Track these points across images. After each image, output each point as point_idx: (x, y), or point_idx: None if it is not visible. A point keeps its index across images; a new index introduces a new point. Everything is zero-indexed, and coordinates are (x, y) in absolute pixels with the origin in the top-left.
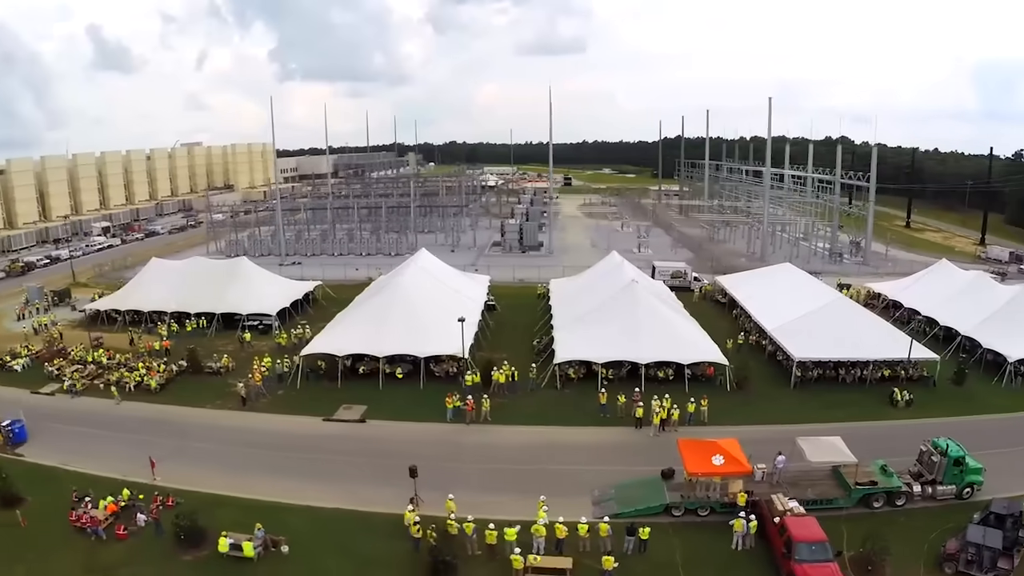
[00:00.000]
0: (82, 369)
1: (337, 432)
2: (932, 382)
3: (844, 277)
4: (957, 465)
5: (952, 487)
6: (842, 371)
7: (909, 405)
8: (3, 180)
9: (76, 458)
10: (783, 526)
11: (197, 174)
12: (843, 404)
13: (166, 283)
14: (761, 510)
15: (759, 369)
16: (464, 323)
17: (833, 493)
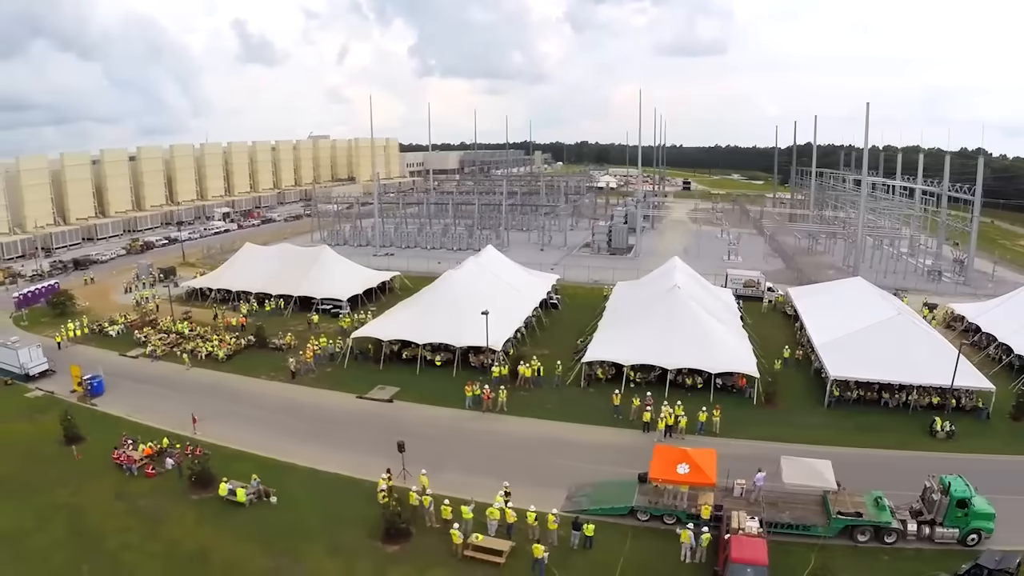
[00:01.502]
0: (165, 338)
1: (365, 409)
2: (986, 414)
3: (935, 297)
4: (961, 507)
5: (955, 531)
6: (886, 394)
7: (950, 437)
8: (134, 166)
9: (139, 411)
10: (727, 544)
11: (321, 165)
12: (877, 429)
13: (255, 266)
14: (721, 525)
15: (800, 385)
16: (488, 316)
17: (812, 519)
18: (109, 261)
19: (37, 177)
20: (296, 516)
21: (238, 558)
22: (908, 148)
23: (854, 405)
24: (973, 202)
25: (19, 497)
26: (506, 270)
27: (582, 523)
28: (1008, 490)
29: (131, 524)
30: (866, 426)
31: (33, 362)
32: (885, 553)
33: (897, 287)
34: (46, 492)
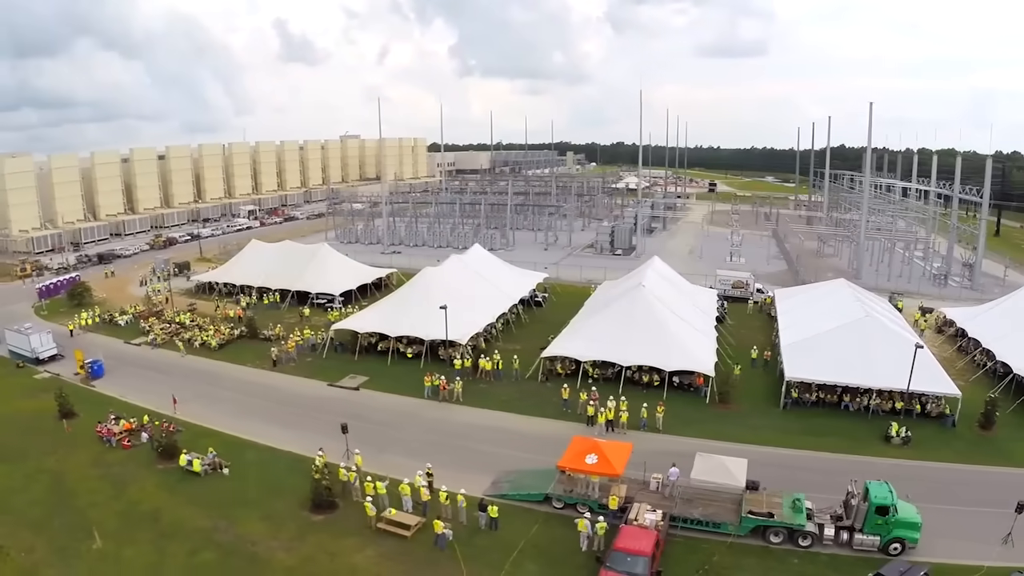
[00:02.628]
0: (167, 327)
1: (333, 396)
2: (951, 421)
3: (936, 301)
4: (881, 513)
5: (875, 538)
6: (847, 397)
7: (906, 443)
8: (163, 165)
9: (131, 392)
10: (618, 532)
11: (349, 165)
12: (830, 433)
13: (259, 262)
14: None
15: (762, 386)
16: (446, 310)
17: (723, 517)
18: (132, 256)
19: (68, 175)
20: (242, 486)
21: (183, 518)
22: (943, 151)
23: (813, 407)
24: (981, 204)
25: (11, 462)
26: (489, 268)
27: (487, 504)
28: (952, 501)
29: (101, 487)
30: (818, 429)
31: (43, 347)
32: (796, 556)
33: (901, 291)
34: (35, 459)
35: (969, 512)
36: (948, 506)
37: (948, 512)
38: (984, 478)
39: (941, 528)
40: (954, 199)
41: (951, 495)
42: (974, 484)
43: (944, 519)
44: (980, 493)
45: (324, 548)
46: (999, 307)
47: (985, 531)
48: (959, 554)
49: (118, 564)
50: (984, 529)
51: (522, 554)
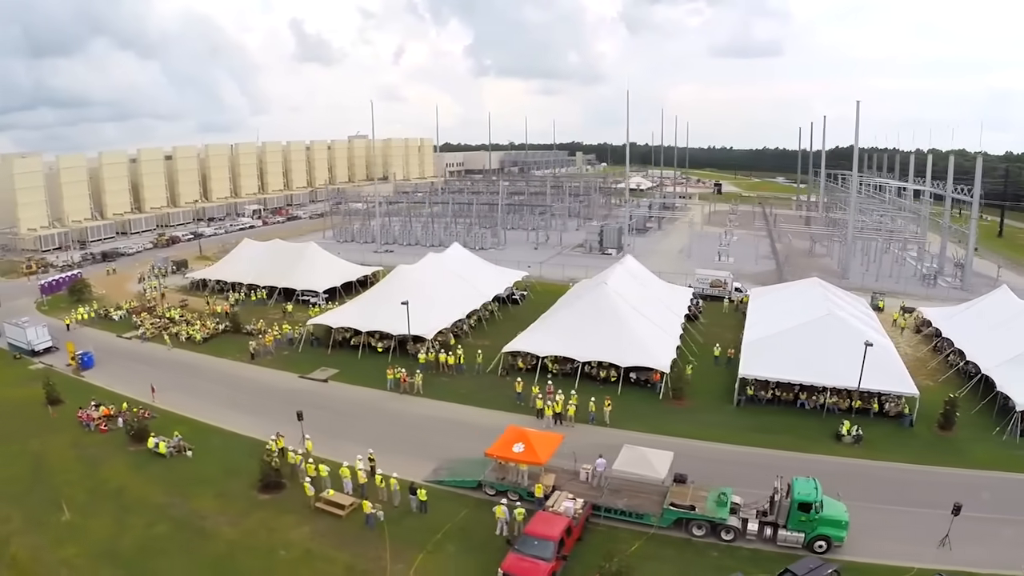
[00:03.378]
0: (157, 322)
1: (302, 387)
2: (909, 421)
3: (923, 301)
4: (803, 510)
5: (799, 535)
6: (803, 395)
7: (858, 442)
8: (170, 165)
9: (117, 382)
10: (532, 517)
11: (356, 165)
12: (780, 430)
13: (250, 260)
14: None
15: (721, 383)
16: (408, 306)
17: (646, 508)
18: (135, 254)
19: (76, 175)
20: (202, 467)
21: (144, 495)
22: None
23: (768, 405)
24: (972, 203)
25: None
26: (466, 266)
27: (416, 488)
28: (895, 501)
29: (76, 467)
30: (769, 426)
31: (39, 339)
32: (717, 550)
33: (888, 291)
34: (20, 441)
35: (912, 512)
36: (890, 506)
37: (889, 512)
38: (933, 479)
39: (879, 528)
40: (947, 199)
41: (895, 495)
42: (921, 484)
43: (884, 519)
44: (926, 494)
45: (265, 524)
46: (975, 307)
47: (925, 532)
48: (892, 555)
49: (82, 533)
50: (924, 530)
51: (445, 536)
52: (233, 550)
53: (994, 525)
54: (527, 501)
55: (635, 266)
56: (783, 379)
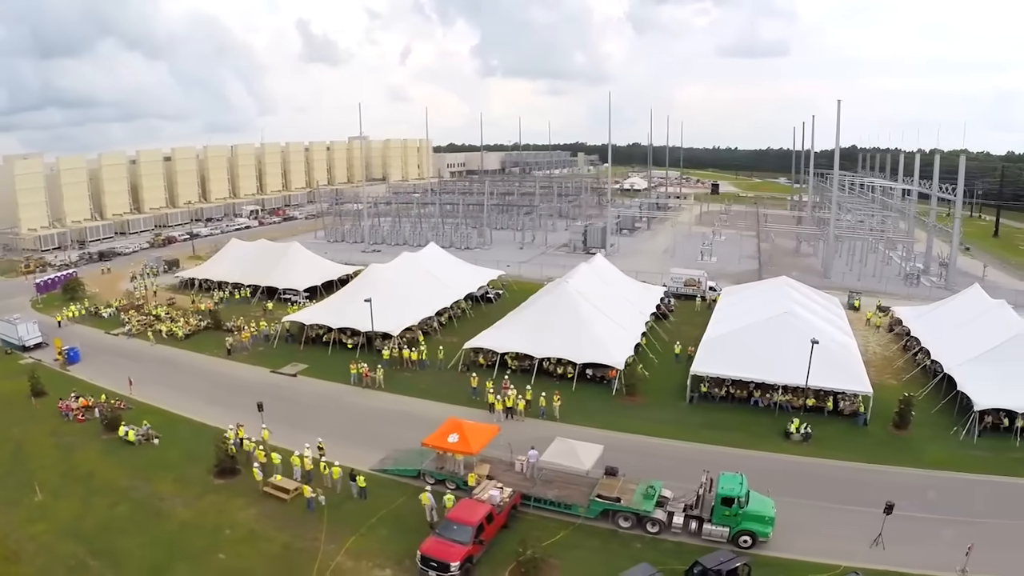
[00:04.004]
0: (143, 319)
1: (272, 381)
2: (863, 420)
3: (900, 300)
4: (726, 504)
5: (724, 530)
6: (757, 393)
7: (806, 440)
8: (168, 166)
9: (100, 375)
10: (456, 503)
11: (355, 166)
12: (731, 428)
13: (237, 259)
14: None
15: (679, 380)
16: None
17: (575, 499)
18: (132, 254)
19: (76, 176)
20: (166, 454)
21: (110, 478)
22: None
23: (722, 402)
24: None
25: None
26: (441, 265)
27: (355, 475)
28: (836, 499)
29: (53, 453)
30: (718, 423)
31: (29, 335)
32: (641, 542)
33: (869, 290)
34: (2, 430)
35: (852, 511)
36: (830, 504)
37: (828, 510)
38: (879, 478)
39: (815, 525)
40: (932, 198)
41: (836, 493)
42: (865, 483)
43: (822, 517)
44: (869, 493)
45: (216, 506)
46: (946, 306)
47: (861, 531)
48: (821, 552)
49: (51, 513)
50: (861, 529)
51: (380, 520)
52: (184, 529)
53: (936, 525)
54: (463, 490)
55: (604, 265)
56: (735, 376)
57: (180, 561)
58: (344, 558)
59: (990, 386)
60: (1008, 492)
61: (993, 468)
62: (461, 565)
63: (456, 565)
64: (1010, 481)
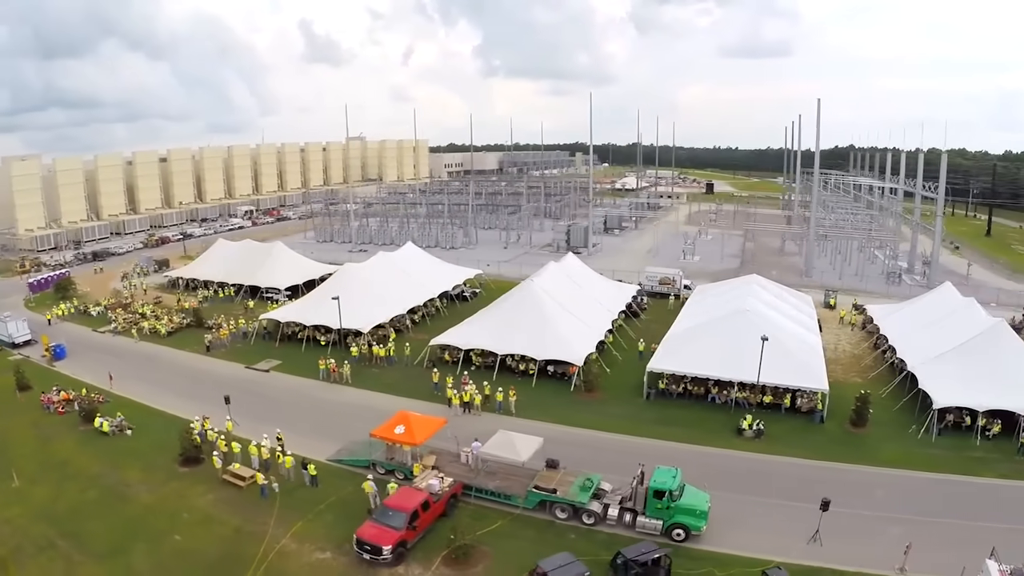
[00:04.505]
0: (129, 317)
1: (246, 376)
2: (819, 417)
3: (878, 299)
4: (658, 497)
5: (658, 522)
6: (714, 390)
7: (758, 436)
8: (164, 167)
9: (84, 371)
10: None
11: (351, 166)
12: (685, 424)
13: (223, 259)
14: None
15: (639, 377)
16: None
17: (514, 490)
18: (125, 254)
19: (72, 177)
20: (137, 443)
21: (83, 466)
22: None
23: (679, 399)
24: (937, 201)
25: None
26: (416, 264)
27: (307, 464)
28: (779, 495)
29: (32, 443)
30: (672, 419)
31: (18, 333)
32: (576, 533)
33: (851, 288)
34: None
35: (794, 507)
36: (773, 500)
37: (771, 506)
38: (827, 475)
39: (754, 521)
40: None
41: (782, 489)
42: (813, 480)
43: (763, 512)
44: (814, 489)
45: (178, 492)
46: (916, 304)
47: (802, 527)
48: (757, 547)
49: (26, 498)
50: (802, 525)
51: (328, 507)
52: (146, 512)
53: (881, 523)
54: (409, 479)
55: (574, 264)
56: (690, 373)
57: (139, 542)
58: (289, 541)
59: (951, 384)
60: (960, 491)
61: (949, 467)
62: (393, 549)
63: (388, 549)
64: (964, 480)
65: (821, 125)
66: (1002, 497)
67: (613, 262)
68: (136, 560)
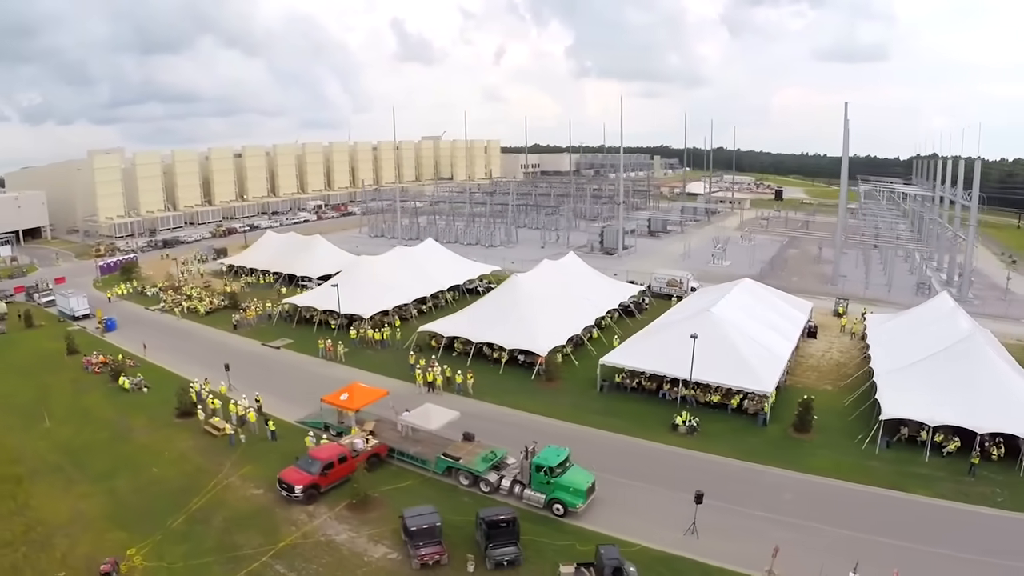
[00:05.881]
0: (176, 297)
1: (260, 351)
2: (763, 420)
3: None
4: (541, 473)
5: (540, 496)
6: (666, 386)
7: (691, 432)
8: (239, 162)
9: (127, 341)
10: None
11: (423, 164)
12: (626, 416)
13: (269, 249)
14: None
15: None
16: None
17: (428, 456)
18: (193, 242)
19: (150, 171)
20: (149, 399)
21: (102, 414)
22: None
23: (633, 393)
24: (971, 208)
25: (24, 377)
26: (432, 259)
27: (268, 419)
28: (678, 487)
29: (68, 395)
30: (617, 411)
31: (79, 307)
32: (472, 498)
33: (875, 298)
34: (38, 376)
35: (690, 501)
36: (674, 492)
37: (665, 497)
38: (743, 474)
39: (642, 508)
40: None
41: (687, 483)
42: (724, 477)
43: (656, 501)
44: (722, 486)
45: (167, 437)
46: (910, 313)
47: (687, 520)
48: (632, 531)
49: (52, 435)
50: (688, 519)
51: (278, 456)
52: (138, 451)
53: (769, 526)
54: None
55: (571, 263)
56: (638, 368)
57: (125, 471)
58: (235, 479)
59: (909, 395)
60: (873, 504)
61: (879, 480)
62: (304, 490)
63: (300, 489)
64: (886, 494)
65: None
66: (918, 515)
67: (639, 264)
68: (119, 483)
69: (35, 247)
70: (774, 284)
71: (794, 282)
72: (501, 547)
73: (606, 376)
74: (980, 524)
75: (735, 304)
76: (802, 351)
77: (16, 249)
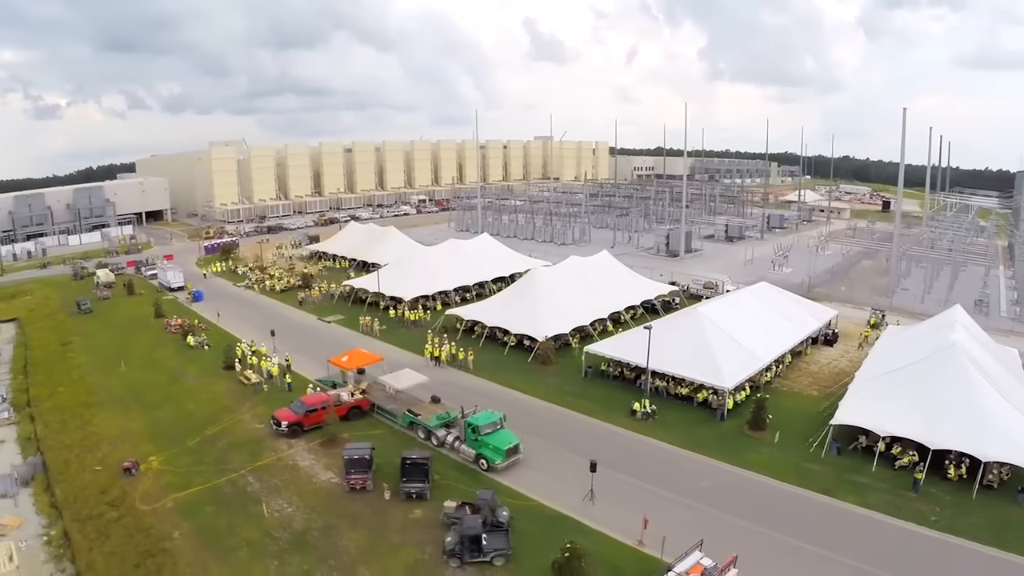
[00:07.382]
0: (259, 276)
1: (313, 324)
2: (720, 415)
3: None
4: (472, 431)
5: (471, 451)
6: (643, 376)
7: (647, 419)
8: (349, 157)
9: (207, 309)
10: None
11: (531, 164)
12: (595, 399)
13: (350, 238)
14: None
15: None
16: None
17: (398, 411)
18: (295, 229)
19: (264, 162)
20: (207, 355)
21: (167, 363)
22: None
23: (615, 381)
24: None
25: (118, 334)
26: (482, 252)
27: (285, 373)
28: (609, 465)
29: (146, 348)
30: (586, 395)
31: (175, 280)
32: (422, 447)
33: (923, 312)
34: (130, 333)
35: (610, 475)
36: (602, 468)
37: (587, 469)
38: (676, 459)
39: (560, 475)
40: None
41: (618, 462)
42: (657, 460)
43: (576, 472)
44: (647, 466)
45: (209, 384)
46: (922, 325)
47: (597, 491)
48: (540, 492)
49: (124, 376)
50: (600, 490)
51: (288, 401)
52: (184, 392)
53: (666, 505)
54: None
55: (601, 260)
56: (613, 357)
57: (169, 405)
58: (246, 417)
59: (873, 404)
60: (784, 502)
61: (810, 482)
62: (288, 426)
63: (285, 424)
64: (807, 496)
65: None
66: (818, 515)
67: (698, 267)
68: (161, 413)
69: (155, 228)
70: (823, 293)
71: (842, 292)
72: (412, 482)
73: (591, 363)
74: (881, 534)
75: (733, 305)
76: (809, 357)
77: (137, 229)
